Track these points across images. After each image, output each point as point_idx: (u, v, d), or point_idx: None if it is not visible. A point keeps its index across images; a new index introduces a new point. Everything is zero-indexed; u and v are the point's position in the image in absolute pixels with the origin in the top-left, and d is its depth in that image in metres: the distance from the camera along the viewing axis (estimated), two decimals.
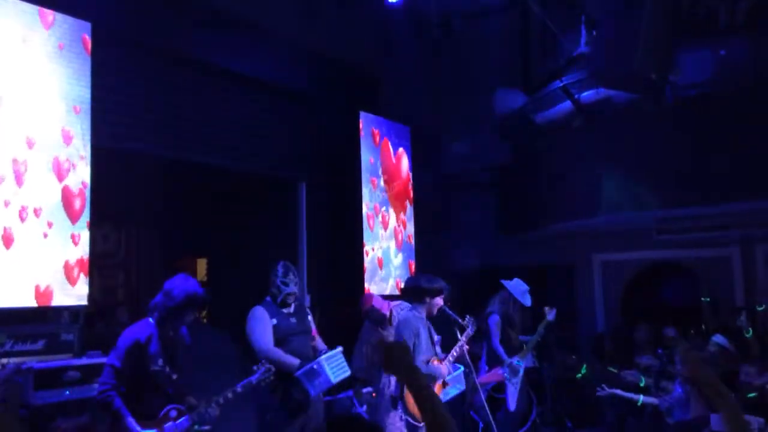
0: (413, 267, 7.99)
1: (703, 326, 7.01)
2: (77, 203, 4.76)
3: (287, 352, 4.36)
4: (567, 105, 7.15)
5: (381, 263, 7.43)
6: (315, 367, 4.30)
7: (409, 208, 8.05)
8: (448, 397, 5.00)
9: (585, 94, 6.84)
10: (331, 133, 7.34)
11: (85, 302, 4.72)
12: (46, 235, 4.55)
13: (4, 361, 4.17)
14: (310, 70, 7.08)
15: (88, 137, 4.87)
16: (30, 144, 4.51)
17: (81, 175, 4.81)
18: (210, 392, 3.69)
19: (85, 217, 4.81)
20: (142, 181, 7.38)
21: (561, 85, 6.82)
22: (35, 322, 4.56)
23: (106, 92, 5.12)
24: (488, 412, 5.09)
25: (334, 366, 4.37)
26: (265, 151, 6.82)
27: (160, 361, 3.49)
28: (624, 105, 6.74)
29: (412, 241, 8.01)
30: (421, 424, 4.79)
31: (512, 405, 6.03)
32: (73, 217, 4.73)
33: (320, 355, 4.39)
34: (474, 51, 8.43)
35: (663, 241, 7.95)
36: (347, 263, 7.11)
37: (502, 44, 8.54)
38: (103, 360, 3.61)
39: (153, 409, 3.44)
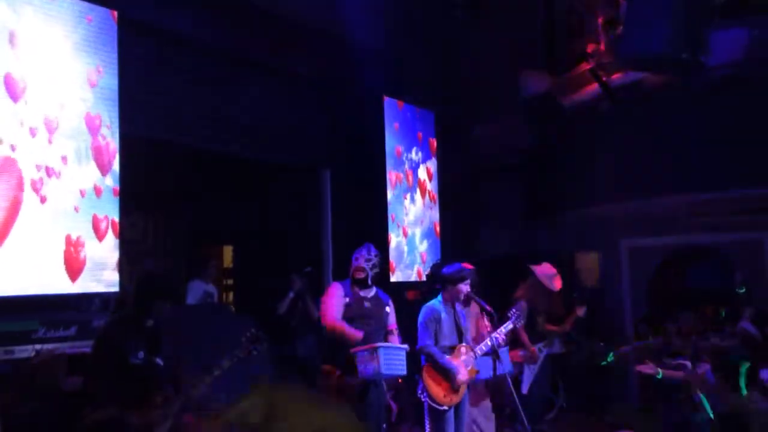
0: (438, 228, 7.94)
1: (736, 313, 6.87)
2: (106, 157, 4.82)
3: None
4: (595, 88, 7.04)
5: (405, 232, 7.41)
6: (372, 351, 4.28)
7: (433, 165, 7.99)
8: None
9: (614, 76, 6.73)
10: (355, 120, 7.32)
11: (116, 288, 4.78)
12: (80, 192, 4.63)
13: (38, 347, 4.25)
14: (332, 56, 7.03)
15: (116, 115, 4.92)
16: (61, 105, 4.58)
17: (109, 135, 4.86)
18: (229, 377, 3.71)
19: (115, 175, 4.86)
20: (169, 170, 7.44)
21: (589, 67, 6.71)
22: (67, 309, 4.63)
23: (134, 82, 5.15)
24: (516, 398, 5.06)
25: (391, 358, 4.35)
26: (289, 139, 6.82)
27: (141, 354, 3.49)
28: (654, 87, 6.62)
29: (436, 201, 7.96)
30: (444, 407, 4.80)
31: (525, 388, 6.07)
32: (103, 169, 4.79)
33: None
34: (499, 32, 8.30)
35: (693, 226, 7.81)
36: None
37: (528, 25, 8.40)
38: None
39: (141, 399, 3.43)
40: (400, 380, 6.25)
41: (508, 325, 5.13)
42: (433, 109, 8.11)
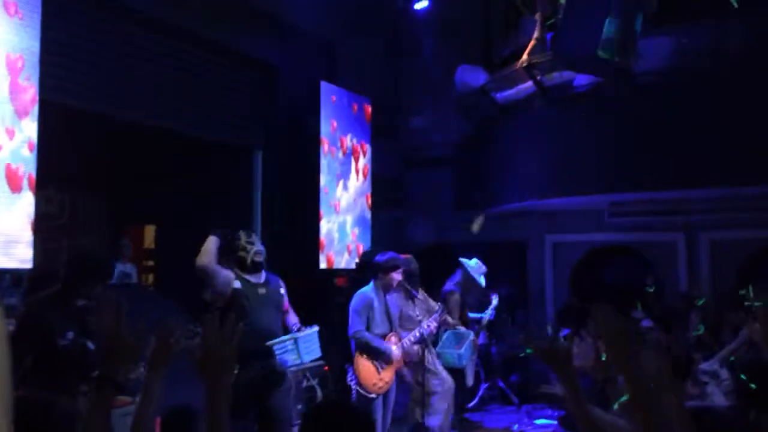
0: (370, 200, 7.94)
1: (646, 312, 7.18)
2: (23, 101, 4.50)
3: (255, 322, 4.12)
4: (528, 85, 7.17)
5: (337, 209, 7.34)
6: (289, 341, 4.18)
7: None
8: (461, 362, 5.09)
9: (547, 75, 6.88)
10: (290, 102, 7.19)
11: (29, 265, 4.50)
12: None
13: None
14: (270, 37, 6.89)
15: (36, 76, 4.61)
16: None
17: (28, 83, 4.53)
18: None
19: (33, 119, 4.55)
20: (90, 143, 7.07)
21: (524, 65, 6.83)
22: None
23: (57, 45, 4.84)
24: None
25: (307, 345, 4.28)
26: (221, 118, 6.62)
27: (70, 334, 3.32)
28: (585, 88, 6.81)
29: (369, 173, 7.94)
30: (373, 395, 4.81)
31: (470, 380, 6.16)
32: (19, 113, 4.49)
33: (293, 332, 4.30)
34: (437, 24, 8.35)
35: (613, 224, 8.13)
36: (303, 234, 7.02)
37: (465, 19, 8.48)
38: None
39: (73, 383, 3.27)
40: (326, 367, 6.22)
41: (436, 316, 5.18)
42: (368, 96, 8.07)
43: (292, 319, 4.50)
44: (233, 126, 6.76)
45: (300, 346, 4.18)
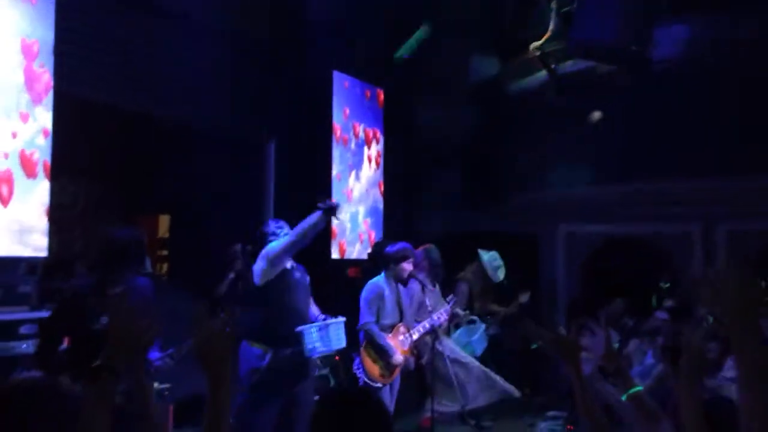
0: (382, 187, 7.96)
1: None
2: (38, 87, 4.52)
3: (293, 304, 4.19)
4: (542, 75, 7.11)
5: (350, 197, 7.35)
6: (319, 327, 4.20)
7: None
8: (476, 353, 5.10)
9: (562, 64, 6.81)
10: (304, 93, 7.18)
11: (44, 254, 4.54)
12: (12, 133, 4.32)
13: None
14: (283, 27, 6.87)
15: (50, 65, 4.63)
16: None
17: (42, 69, 4.54)
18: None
19: (47, 107, 4.57)
20: (103, 134, 7.12)
21: (538, 53, 6.77)
22: None
23: (69, 34, 4.86)
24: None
25: (335, 333, 4.31)
26: (234, 108, 6.62)
27: (104, 320, 3.33)
28: (597, 77, 6.75)
29: (381, 161, 7.95)
30: (379, 384, 4.82)
31: None
32: (34, 99, 4.50)
33: (318, 321, 4.32)
34: (449, 14, 8.27)
35: (629, 215, 8.04)
36: None
37: (479, 9, 8.39)
38: None
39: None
40: (337, 357, 6.24)
41: (448, 309, 5.20)
42: (381, 87, 8.05)
43: (315, 310, 4.53)
44: (246, 116, 6.77)
45: (330, 334, 4.22)
